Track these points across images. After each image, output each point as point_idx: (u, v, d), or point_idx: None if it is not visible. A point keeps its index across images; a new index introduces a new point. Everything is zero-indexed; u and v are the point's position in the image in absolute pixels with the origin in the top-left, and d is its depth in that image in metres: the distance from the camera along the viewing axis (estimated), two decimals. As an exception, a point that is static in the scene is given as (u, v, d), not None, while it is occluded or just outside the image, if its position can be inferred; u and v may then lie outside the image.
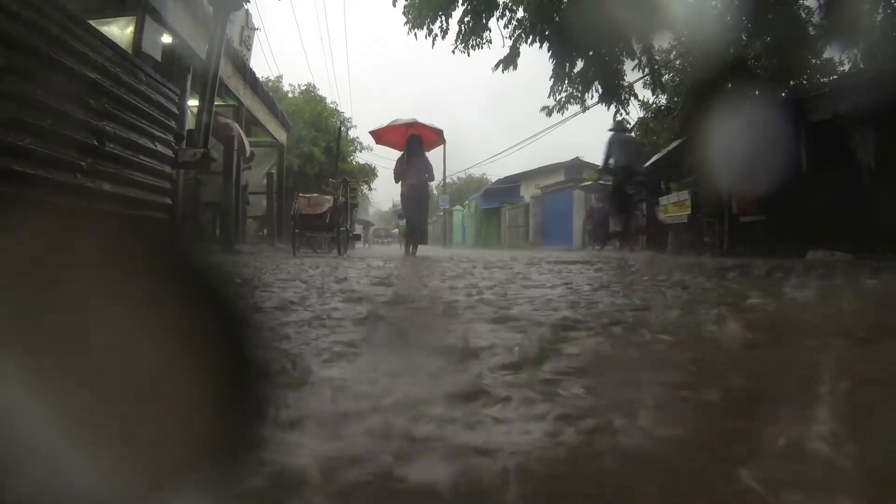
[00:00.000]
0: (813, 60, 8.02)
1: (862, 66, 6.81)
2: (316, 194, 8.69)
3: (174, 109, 4.09)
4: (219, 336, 0.52)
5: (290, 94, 19.27)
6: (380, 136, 9.76)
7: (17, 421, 0.45)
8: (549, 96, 9.34)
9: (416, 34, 8.62)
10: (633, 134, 9.96)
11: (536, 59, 9.31)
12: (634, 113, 10.60)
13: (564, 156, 25.42)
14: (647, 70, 9.23)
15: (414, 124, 9.17)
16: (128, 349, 0.48)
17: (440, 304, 1.92)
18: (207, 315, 0.53)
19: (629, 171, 8.47)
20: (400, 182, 8.72)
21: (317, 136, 17.66)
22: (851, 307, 1.87)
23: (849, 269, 3.98)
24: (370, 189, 25.13)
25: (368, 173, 22.30)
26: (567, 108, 9.46)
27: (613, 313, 1.64)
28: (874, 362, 1.00)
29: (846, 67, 7.67)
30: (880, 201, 5.71)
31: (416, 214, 8.84)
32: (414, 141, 8.69)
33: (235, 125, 8.87)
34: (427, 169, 8.74)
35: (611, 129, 9.02)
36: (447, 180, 37.73)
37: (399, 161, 8.77)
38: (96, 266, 0.52)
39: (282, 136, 13.56)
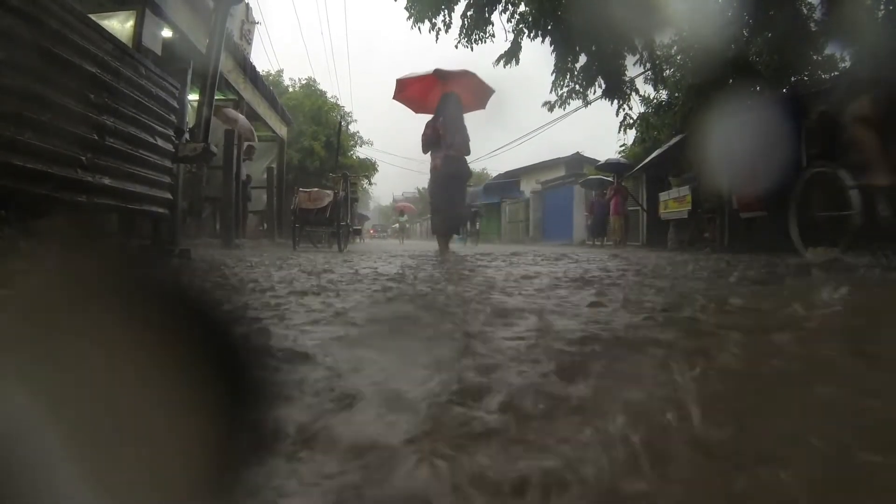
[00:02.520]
0: (814, 57, 7.99)
1: (863, 62, 6.79)
2: (316, 189, 8.68)
3: (174, 104, 4.09)
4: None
5: (290, 89, 19.25)
6: (404, 86, 7.55)
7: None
8: (551, 91, 9.34)
9: (419, 28, 8.61)
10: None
11: (538, 54, 9.29)
12: (636, 108, 10.60)
13: (565, 151, 25.39)
14: (648, 65, 9.22)
15: (463, 76, 7.15)
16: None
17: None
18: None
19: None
20: (430, 153, 6.82)
21: (317, 130, 17.65)
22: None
23: (843, 268, 3.98)
24: (370, 184, 25.16)
25: (369, 168, 22.34)
26: (569, 104, 9.47)
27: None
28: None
29: (847, 64, 7.65)
30: (880, 199, 5.69)
31: (451, 197, 6.76)
32: (450, 101, 6.78)
33: (236, 113, 8.87)
34: (465, 138, 6.79)
35: None
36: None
37: (429, 125, 6.80)
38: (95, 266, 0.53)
39: (282, 130, 13.56)
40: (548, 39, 8.57)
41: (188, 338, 0.51)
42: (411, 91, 7.53)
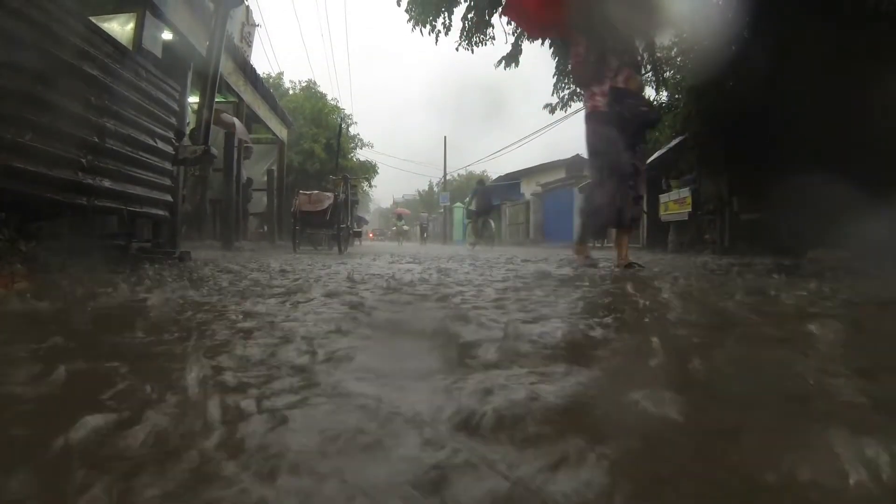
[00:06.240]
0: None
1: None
2: (316, 191, 8.68)
3: (174, 106, 4.09)
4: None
5: (290, 91, 19.27)
6: None
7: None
8: (552, 94, 9.34)
9: (420, 31, 8.59)
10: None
11: (539, 57, 9.29)
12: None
13: (565, 153, 25.40)
14: (648, 67, 9.22)
15: None
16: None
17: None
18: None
19: (479, 211, 15.69)
20: (586, 85, 4.18)
21: (317, 132, 17.67)
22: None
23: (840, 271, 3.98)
24: (371, 186, 25.17)
25: (369, 170, 22.34)
26: (570, 106, 9.47)
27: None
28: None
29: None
30: (881, 201, 5.69)
31: (621, 154, 3.90)
32: (610, 3, 4.17)
33: (232, 117, 8.87)
34: (636, 64, 4.39)
35: (477, 183, 17.51)
36: (447, 177, 37.76)
37: (581, 42, 4.22)
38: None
39: (282, 132, 13.56)
40: (548, 41, 8.56)
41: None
42: None
